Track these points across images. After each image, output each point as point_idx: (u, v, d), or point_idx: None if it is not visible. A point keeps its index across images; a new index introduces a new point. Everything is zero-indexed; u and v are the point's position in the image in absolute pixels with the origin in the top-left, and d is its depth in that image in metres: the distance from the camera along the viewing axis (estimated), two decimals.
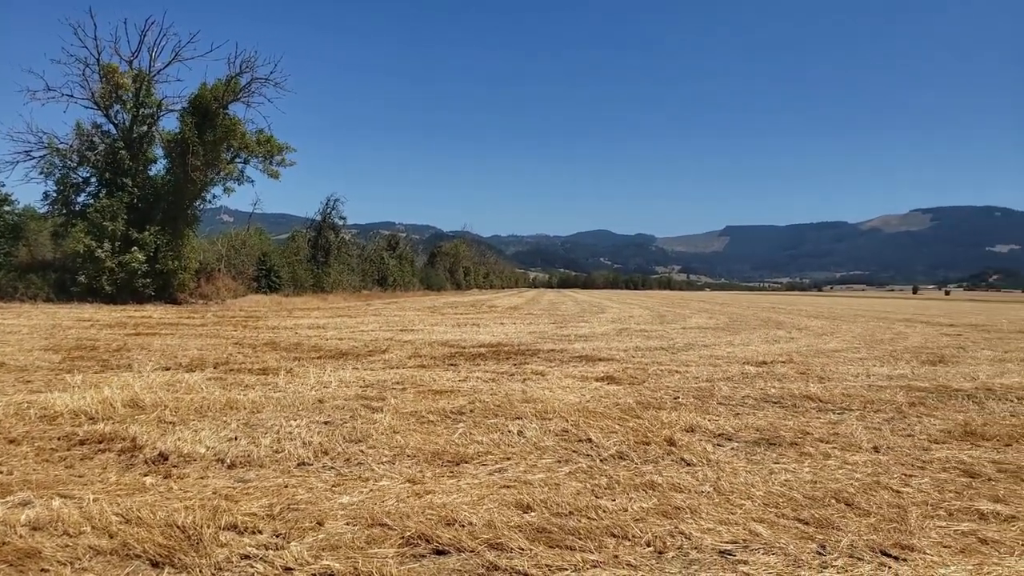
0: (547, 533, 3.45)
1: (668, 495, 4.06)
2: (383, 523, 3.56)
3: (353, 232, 70.65)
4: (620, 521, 3.61)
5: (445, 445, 5.13)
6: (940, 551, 3.32)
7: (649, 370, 9.63)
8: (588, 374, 9.14)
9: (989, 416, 6.71)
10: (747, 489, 4.21)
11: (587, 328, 18.62)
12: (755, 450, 5.25)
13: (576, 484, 4.28)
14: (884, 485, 4.36)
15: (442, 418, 6.13)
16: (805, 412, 6.78)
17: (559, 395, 7.40)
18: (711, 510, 3.82)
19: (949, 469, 4.79)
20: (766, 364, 10.50)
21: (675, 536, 3.44)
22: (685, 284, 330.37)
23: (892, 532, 3.55)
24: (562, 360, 10.72)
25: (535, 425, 5.85)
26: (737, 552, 3.27)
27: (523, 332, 16.55)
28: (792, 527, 3.60)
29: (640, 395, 7.54)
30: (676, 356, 11.62)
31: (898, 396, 7.70)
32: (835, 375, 9.39)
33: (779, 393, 7.76)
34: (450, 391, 7.55)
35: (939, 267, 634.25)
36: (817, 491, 4.20)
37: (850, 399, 7.48)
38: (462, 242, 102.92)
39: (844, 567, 3.12)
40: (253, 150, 31.31)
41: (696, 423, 6.09)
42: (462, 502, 3.88)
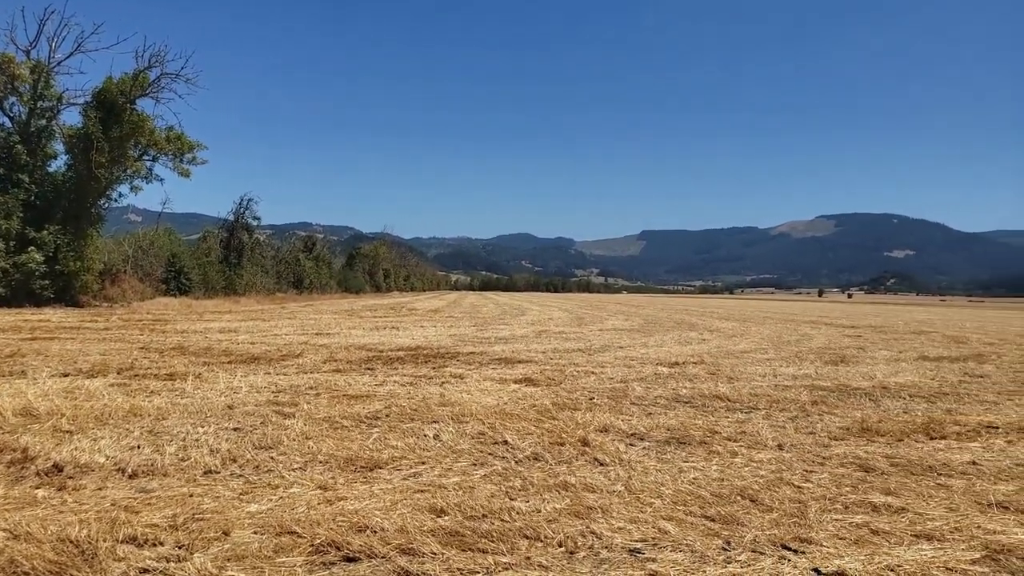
0: (460, 536, 3.44)
1: (581, 495, 4.11)
2: (292, 531, 3.48)
3: (268, 233, 68.84)
4: (533, 522, 3.63)
5: (359, 450, 5.05)
6: (836, 543, 3.48)
7: (566, 371, 9.74)
8: (507, 376, 9.17)
9: (884, 413, 7.08)
10: (657, 488, 4.31)
11: (507, 331, 18.70)
12: (666, 449, 5.38)
13: (491, 486, 4.28)
14: (786, 481, 4.54)
15: (357, 423, 6.03)
16: (714, 411, 6.99)
17: (477, 398, 7.40)
18: (622, 509, 3.89)
19: (846, 464, 5.03)
20: (678, 365, 10.78)
21: (586, 536, 3.48)
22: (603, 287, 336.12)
23: (792, 526, 3.70)
24: (481, 363, 10.72)
25: (452, 429, 5.83)
26: (646, 550, 3.33)
27: (443, 335, 16.48)
28: (699, 524, 3.70)
29: (557, 396, 7.62)
30: (593, 357, 11.79)
31: (802, 395, 8.04)
32: (743, 375, 9.73)
33: (690, 393, 7.98)
34: (366, 396, 7.44)
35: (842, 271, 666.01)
36: (724, 488, 4.34)
37: (757, 398, 7.76)
38: (382, 244, 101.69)
39: (747, 561, 3.22)
40: (162, 147, 30.12)
41: (610, 423, 6.20)
42: (375, 508, 3.83)
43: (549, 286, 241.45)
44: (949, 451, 5.50)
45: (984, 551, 3.41)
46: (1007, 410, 7.33)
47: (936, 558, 3.31)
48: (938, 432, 6.14)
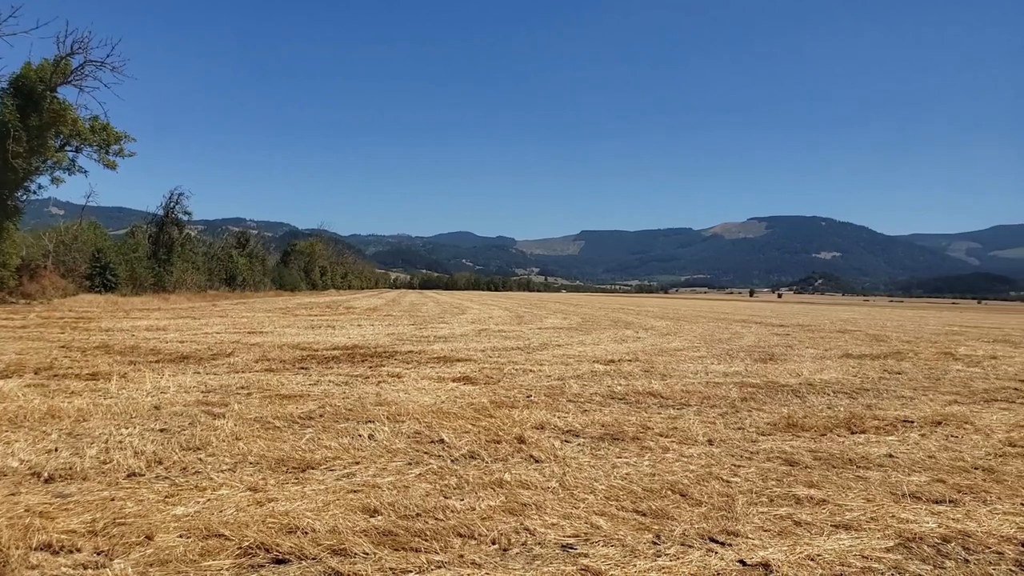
0: (393, 536, 3.42)
1: (516, 492, 4.14)
2: (220, 534, 3.40)
3: (199, 228, 66.92)
4: (467, 520, 3.64)
5: (291, 451, 4.97)
6: (761, 535, 3.59)
7: (505, 370, 9.78)
8: (445, 375, 9.15)
9: (809, 409, 7.33)
10: (591, 483, 4.37)
11: (447, 329, 18.65)
12: (600, 445, 5.45)
13: (426, 485, 4.27)
14: (716, 476, 4.66)
15: (289, 423, 5.93)
16: (648, 408, 7.12)
17: (414, 397, 7.37)
18: (556, 505, 3.93)
19: (773, 459, 5.19)
20: (614, 362, 10.94)
21: (520, 533, 3.51)
22: (543, 286, 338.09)
23: (720, 519, 3.80)
24: (420, 362, 10.67)
25: (387, 428, 5.79)
26: (578, 545, 3.38)
27: (381, 334, 16.32)
28: (631, 519, 3.77)
29: (495, 394, 7.64)
30: (531, 355, 11.86)
31: (732, 392, 8.26)
32: (676, 372, 9.93)
33: (625, 390, 8.11)
34: (299, 395, 7.31)
35: (773, 271, 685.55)
36: (655, 483, 4.42)
37: (689, 395, 7.93)
38: (318, 241, 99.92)
39: (676, 555, 3.30)
40: (86, 138, 28.91)
41: (546, 420, 6.25)
42: (306, 509, 3.77)
43: (490, 285, 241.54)
44: (868, 445, 5.73)
45: (897, 539, 3.57)
46: (922, 405, 7.68)
47: (853, 547, 3.44)
48: (859, 427, 6.39)
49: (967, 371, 11.02)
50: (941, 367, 11.51)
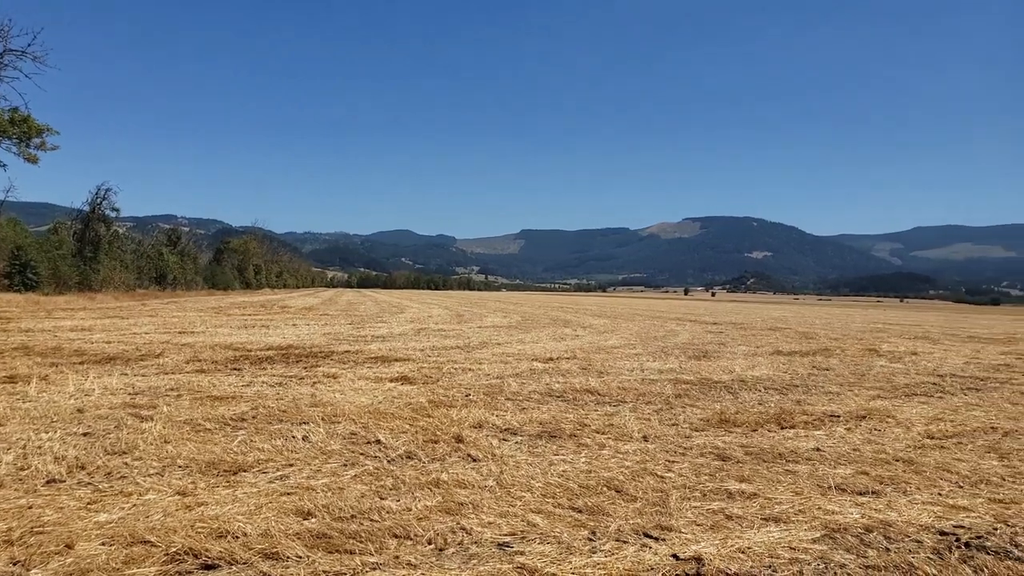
0: (327, 538, 3.37)
1: (453, 492, 4.12)
2: (145, 540, 3.28)
3: (128, 225, 64.64)
4: (403, 521, 3.61)
5: (222, 454, 4.84)
6: (694, 529, 3.66)
7: (444, 369, 9.73)
8: (383, 375, 9.06)
9: (741, 405, 7.51)
10: (528, 481, 4.38)
11: (385, 328, 18.46)
12: (537, 443, 5.48)
13: (361, 487, 4.21)
14: (650, 471, 4.73)
15: (221, 425, 5.78)
16: (585, 405, 7.19)
17: (351, 397, 7.27)
18: (493, 504, 3.93)
19: (706, 454, 5.30)
20: (553, 360, 11.01)
21: (456, 532, 3.49)
22: (483, 284, 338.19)
23: (654, 515, 3.86)
24: (357, 362, 10.53)
25: (322, 429, 5.69)
26: (515, 544, 3.38)
27: (317, 333, 16.05)
28: (567, 516, 3.80)
29: (433, 394, 7.60)
30: (471, 354, 11.84)
31: (667, 388, 8.40)
32: (613, 370, 10.06)
33: (563, 388, 8.17)
34: (232, 397, 7.13)
35: (707, 270, 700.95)
36: (591, 480, 4.47)
37: (625, 392, 8.04)
38: (252, 238, 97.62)
39: (611, 551, 3.33)
40: (5, 130, 27.64)
41: (485, 419, 6.25)
42: (237, 512, 3.68)
43: (430, 283, 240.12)
44: (797, 439, 5.90)
45: (824, 530, 3.69)
46: (848, 400, 7.96)
47: (782, 539, 3.54)
48: (788, 422, 6.58)
49: (890, 367, 11.47)
50: (866, 363, 11.95)
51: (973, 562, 3.32)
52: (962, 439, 6.04)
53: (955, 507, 4.14)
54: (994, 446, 5.80)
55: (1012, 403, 8.04)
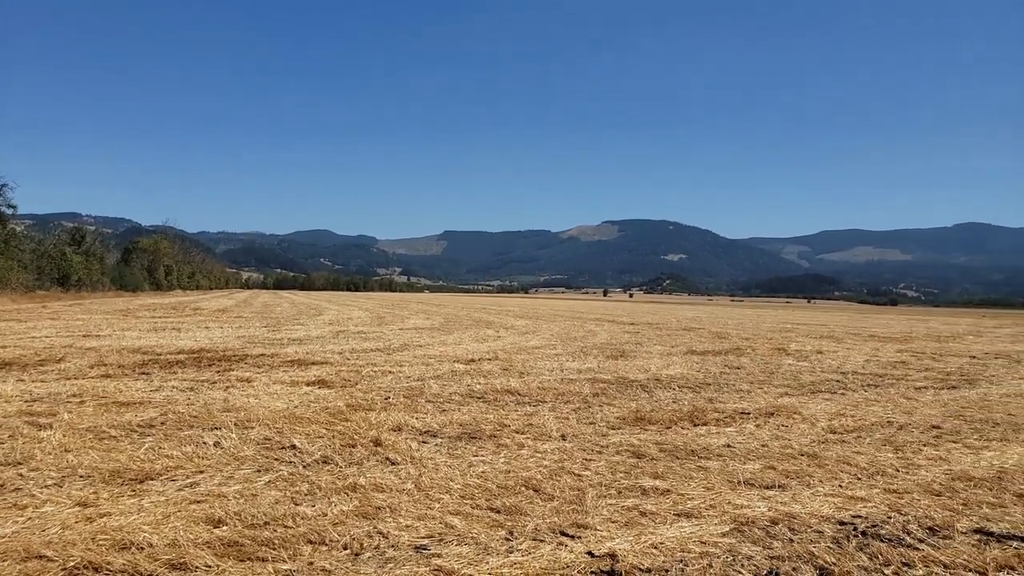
0: (238, 546, 3.27)
1: (370, 496, 4.07)
2: (41, 555, 3.11)
3: (27, 223, 61.18)
4: (318, 526, 3.54)
5: (128, 462, 4.63)
6: (609, 526, 3.73)
7: (363, 372, 9.60)
8: (299, 378, 8.86)
9: (656, 403, 7.70)
10: (446, 483, 4.37)
11: (302, 331, 18.06)
12: (457, 445, 5.47)
13: (275, 493, 4.11)
14: (568, 470, 4.80)
15: (127, 433, 5.54)
16: (505, 406, 7.23)
17: (265, 402, 7.08)
18: (411, 507, 3.90)
19: (622, 452, 5.41)
20: (474, 362, 11.02)
21: (373, 536, 3.45)
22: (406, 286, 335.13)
23: (571, 513, 3.91)
24: (272, 365, 10.27)
25: (235, 435, 5.53)
26: (432, 546, 3.37)
27: (231, 336, 15.57)
28: (485, 517, 3.81)
29: (351, 397, 7.49)
30: (391, 357, 11.73)
31: (585, 388, 8.53)
32: (534, 370, 10.15)
33: (484, 389, 8.18)
34: (139, 403, 6.84)
35: (625, 272, 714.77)
36: (510, 480, 4.49)
37: (545, 392, 8.13)
38: (163, 238, 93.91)
39: (527, 550, 3.36)
40: None
41: (404, 422, 6.20)
42: (143, 523, 3.53)
43: (350, 285, 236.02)
44: (709, 436, 6.09)
45: (732, 524, 3.82)
46: (757, 397, 8.27)
47: (693, 534, 3.65)
48: (701, 419, 6.79)
49: (797, 365, 11.97)
50: (775, 362, 12.44)
51: (868, 549, 3.50)
52: (861, 433, 6.36)
53: (854, 498, 4.36)
54: (890, 439, 6.13)
55: (907, 398, 8.51)
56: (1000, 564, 3.36)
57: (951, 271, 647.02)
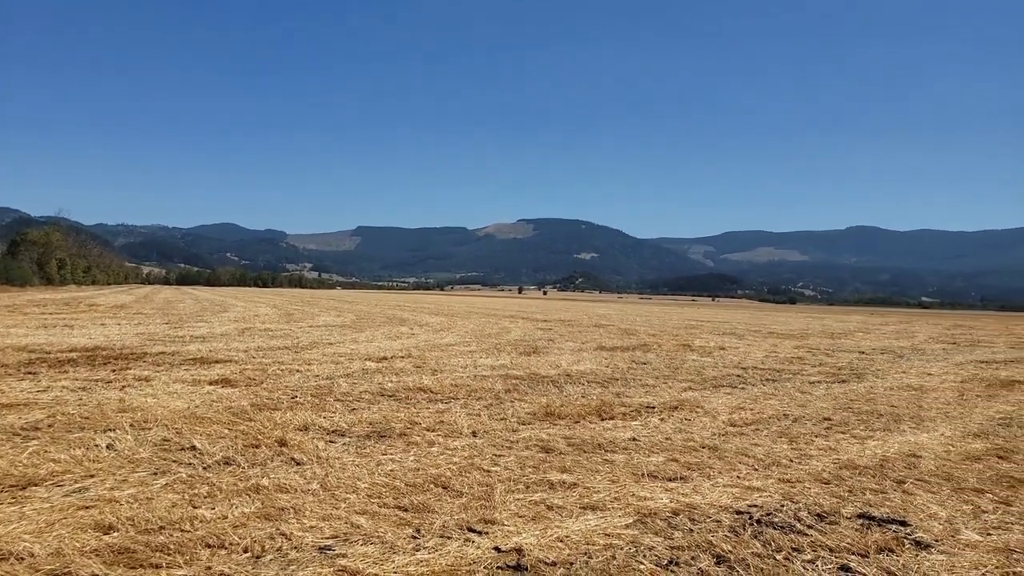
0: (130, 553, 3.13)
1: (273, 497, 3.97)
2: None
3: None
4: (218, 530, 3.43)
5: (9, 467, 4.36)
6: (516, 521, 3.76)
7: (269, 370, 9.35)
8: (201, 377, 8.55)
9: (566, 398, 7.82)
10: (353, 482, 4.31)
11: (206, 328, 17.42)
12: (366, 444, 5.40)
13: (172, 496, 3.95)
14: (477, 466, 4.81)
15: (9, 436, 5.21)
16: (417, 403, 7.18)
17: (164, 402, 6.80)
18: (316, 507, 3.83)
19: (531, 447, 5.46)
20: (386, 360, 10.90)
21: (275, 538, 3.37)
22: (317, 282, 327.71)
23: (479, 509, 3.93)
24: (173, 364, 9.86)
25: (130, 436, 5.28)
26: (337, 546, 3.32)
27: (129, 334, 14.87)
28: (392, 515, 3.78)
29: (256, 396, 7.28)
30: (299, 355, 11.46)
31: (497, 384, 8.58)
32: (447, 367, 10.13)
33: (395, 387, 8.11)
34: (24, 404, 6.45)
35: (540, 270, 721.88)
36: (419, 478, 4.47)
37: (457, 389, 8.13)
38: (56, 230, 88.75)
39: (434, 547, 3.35)
40: None
41: (311, 421, 6.07)
42: (24, 531, 3.33)
43: (258, 280, 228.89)
44: (616, 430, 6.23)
45: (636, 516, 3.92)
46: (662, 392, 8.52)
47: (598, 526, 3.73)
48: (608, 413, 6.94)
49: (700, 360, 12.39)
50: (680, 357, 12.84)
51: (763, 537, 3.66)
52: (759, 426, 6.64)
53: (751, 488, 4.55)
54: (785, 431, 6.43)
55: (802, 392, 8.94)
56: (880, 547, 3.58)
57: (844, 271, 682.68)
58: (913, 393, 9.10)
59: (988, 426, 6.97)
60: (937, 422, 7.09)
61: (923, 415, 7.46)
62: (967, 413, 7.69)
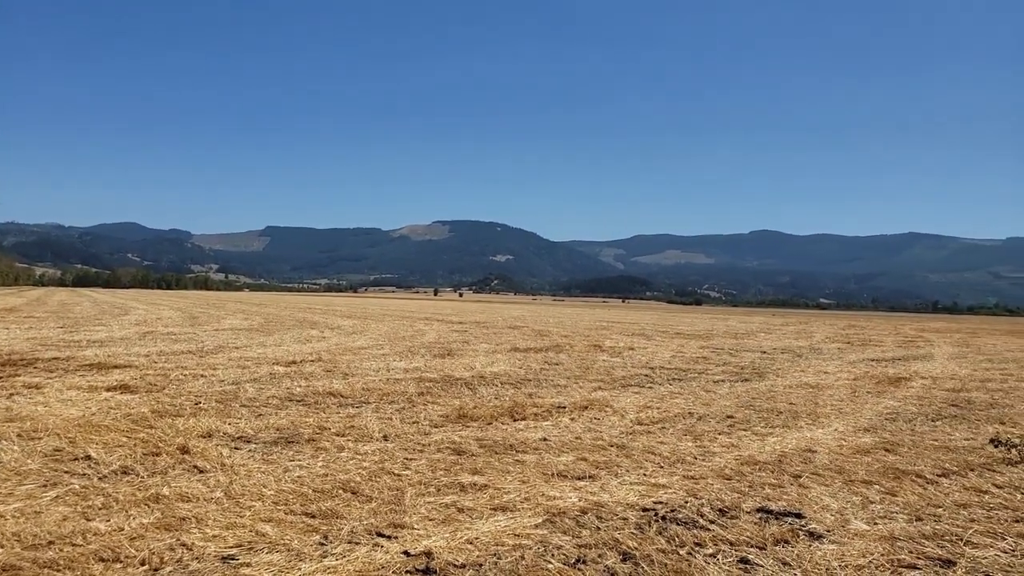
0: (16, 570, 2.97)
1: (174, 506, 3.84)
2: None
3: None
4: (113, 542, 3.29)
5: None
6: (426, 524, 3.76)
7: (171, 376, 9.00)
8: (98, 384, 8.15)
9: (479, 400, 7.85)
10: (259, 490, 4.22)
11: (104, 332, 16.59)
12: (273, 450, 5.28)
13: (64, 509, 3.77)
14: (388, 471, 4.78)
15: None
16: (327, 408, 7.07)
17: (57, 410, 6.46)
18: (219, 516, 3.73)
19: (443, 449, 5.47)
20: (296, 364, 10.67)
21: (175, 549, 3.26)
22: (224, 284, 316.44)
23: (389, 513, 3.91)
24: (67, 370, 9.36)
25: (18, 447, 5.00)
26: (241, 555, 3.24)
27: (18, 338, 14.01)
28: (299, 522, 3.72)
29: (158, 403, 7.01)
30: (204, 359, 11.08)
31: (410, 387, 8.53)
32: (359, 371, 9.99)
33: (304, 391, 7.95)
34: None
35: (455, 272, 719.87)
36: (327, 484, 4.41)
37: (369, 392, 8.04)
38: None
39: (342, 554, 3.32)
40: None
41: (215, 428, 5.89)
42: None
43: (161, 282, 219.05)
44: (528, 430, 6.31)
45: (545, 515, 3.99)
46: (573, 392, 8.67)
47: (508, 527, 3.77)
48: (520, 414, 7.01)
49: (611, 360, 12.67)
50: (591, 358, 13.09)
51: (667, 533, 3.79)
52: (665, 424, 6.85)
53: (656, 485, 4.70)
54: (690, 429, 6.66)
55: (706, 391, 9.28)
56: (777, 538, 3.76)
57: (747, 274, 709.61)
58: (810, 391, 9.57)
59: (877, 421, 7.41)
60: (831, 418, 7.49)
61: (819, 412, 7.86)
62: (858, 409, 8.15)
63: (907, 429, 7.02)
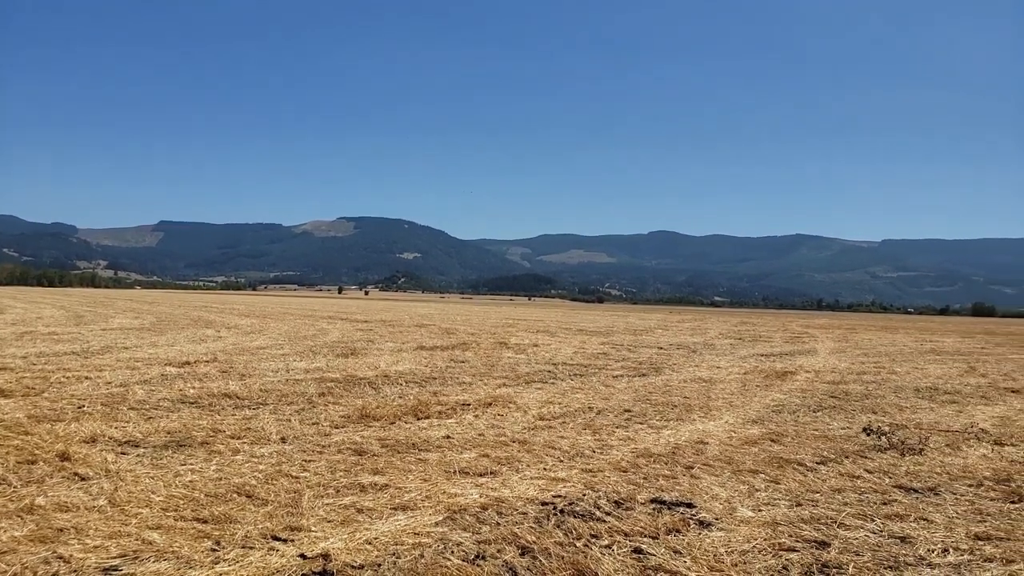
0: None
1: (51, 517, 3.63)
2: None
3: None
4: None
5: None
6: (324, 526, 3.70)
7: (52, 378, 8.47)
8: None
9: (383, 399, 7.77)
10: (147, 496, 4.03)
11: None
12: (163, 454, 5.06)
13: None
14: (285, 473, 4.67)
15: None
16: (221, 410, 6.83)
17: None
18: (102, 525, 3.54)
19: (344, 450, 5.38)
20: (189, 364, 10.25)
21: (51, 563, 3.08)
22: (113, 281, 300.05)
23: (285, 516, 3.82)
24: None
25: None
26: (125, 566, 3.09)
27: None
28: (190, 528, 3.58)
29: (35, 407, 6.58)
30: (89, 361, 10.48)
31: (311, 388, 8.35)
32: (256, 372, 9.69)
33: (197, 393, 7.65)
34: None
35: (361, 269, 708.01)
36: (221, 488, 4.27)
37: (267, 393, 7.81)
38: None
39: (235, 559, 3.22)
40: None
41: (100, 432, 5.59)
42: None
43: (43, 279, 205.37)
44: (431, 428, 6.30)
45: (446, 513, 3.99)
46: (478, 389, 8.70)
47: (408, 526, 3.76)
48: (424, 412, 6.98)
49: (515, 357, 12.79)
50: (496, 355, 13.17)
51: (565, 526, 3.86)
52: (566, 419, 6.98)
53: (556, 479, 4.78)
54: (590, 423, 6.81)
55: (605, 386, 9.50)
56: (670, 528, 3.90)
57: (646, 273, 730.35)
58: (703, 385, 9.95)
59: (764, 413, 7.79)
60: (723, 411, 7.81)
61: (711, 405, 8.19)
62: (748, 402, 8.54)
63: (791, 420, 7.40)
